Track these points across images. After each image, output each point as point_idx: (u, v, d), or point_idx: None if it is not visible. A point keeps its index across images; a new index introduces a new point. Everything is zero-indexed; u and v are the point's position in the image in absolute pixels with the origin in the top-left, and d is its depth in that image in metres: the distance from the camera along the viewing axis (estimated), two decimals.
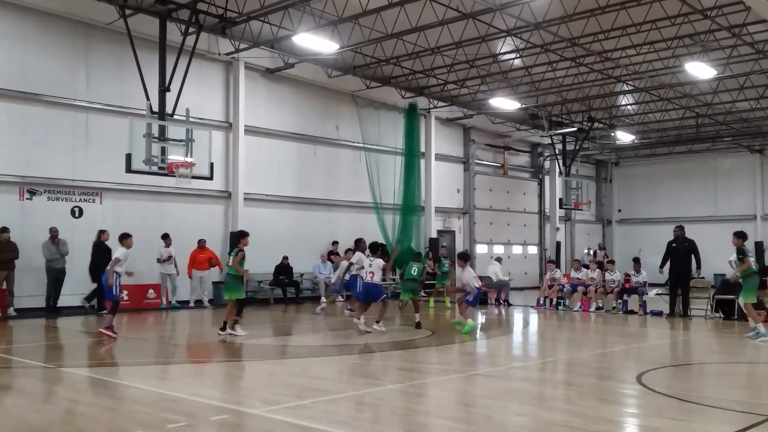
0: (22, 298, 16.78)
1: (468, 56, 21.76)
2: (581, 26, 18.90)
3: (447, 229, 28.80)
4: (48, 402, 7.84)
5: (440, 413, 7.25)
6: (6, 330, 14.67)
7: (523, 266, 32.65)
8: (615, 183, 39.43)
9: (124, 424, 6.50)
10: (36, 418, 6.90)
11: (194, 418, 6.81)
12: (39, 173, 17.51)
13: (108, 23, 17.92)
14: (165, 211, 19.66)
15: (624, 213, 38.89)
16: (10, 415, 7.06)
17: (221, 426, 6.55)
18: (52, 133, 17.78)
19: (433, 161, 27.54)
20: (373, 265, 13.80)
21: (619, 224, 39.05)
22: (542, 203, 34.36)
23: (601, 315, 18.25)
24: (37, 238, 16.93)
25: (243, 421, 6.75)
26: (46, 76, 17.69)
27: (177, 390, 8.29)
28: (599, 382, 9.03)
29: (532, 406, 7.57)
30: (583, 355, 11.63)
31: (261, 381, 9.14)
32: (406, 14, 17.98)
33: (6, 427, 6.39)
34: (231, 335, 12.68)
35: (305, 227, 23.03)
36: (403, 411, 7.33)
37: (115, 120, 18.17)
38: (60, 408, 7.49)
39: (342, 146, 24.66)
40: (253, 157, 21.61)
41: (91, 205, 18.48)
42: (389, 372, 9.77)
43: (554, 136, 31.34)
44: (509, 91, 25.68)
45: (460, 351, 12.27)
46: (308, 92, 23.58)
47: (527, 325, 16.76)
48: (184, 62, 17.21)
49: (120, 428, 6.30)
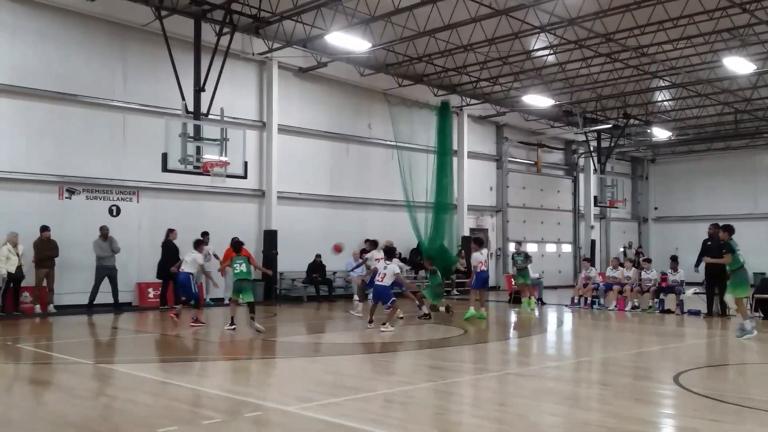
0: (62, 296, 17.14)
1: (501, 53, 21.62)
2: (616, 21, 18.66)
3: (479, 227, 28.66)
4: (86, 398, 7.98)
5: (473, 412, 7.23)
6: (46, 326, 15.00)
7: (556, 265, 32.36)
8: (651, 180, 38.85)
9: (160, 420, 6.59)
10: (74, 413, 7.04)
11: (229, 415, 6.89)
12: (78, 173, 17.86)
13: (144, 24, 18.19)
14: (200, 209, 19.89)
15: (660, 211, 38.30)
16: (51, 410, 7.22)
17: (255, 422, 6.61)
18: (90, 133, 18.12)
19: (465, 159, 27.45)
20: (387, 270, 13.61)
21: (656, 222, 38.48)
22: (576, 201, 34.02)
23: (637, 314, 18.00)
24: (76, 236, 17.26)
25: (276, 417, 6.80)
26: (84, 78, 18.03)
27: (212, 386, 8.39)
28: (635, 382, 8.91)
29: (566, 405, 7.50)
30: (618, 354, 11.49)
31: (294, 378, 9.20)
32: (439, 12, 17.95)
33: (46, 423, 6.54)
34: (233, 329, 13.28)
35: (338, 225, 23.11)
36: (435, 409, 7.32)
37: (151, 120, 18.44)
38: (98, 404, 7.62)
39: (374, 144, 24.71)
40: (286, 156, 21.77)
41: (129, 203, 18.80)
42: (421, 370, 9.76)
43: (589, 133, 31.00)
44: (543, 88, 25.47)
45: (493, 350, 12.21)
46: (341, 91, 23.68)
47: (561, 324, 16.61)
48: (218, 62, 17.43)
49: (156, 424, 6.39)
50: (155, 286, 18.67)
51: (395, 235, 23.81)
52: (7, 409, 7.18)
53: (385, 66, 22.87)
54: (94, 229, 17.44)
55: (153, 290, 18.77)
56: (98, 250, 17.28)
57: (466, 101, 26.81)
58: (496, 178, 29.88)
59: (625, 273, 19.40)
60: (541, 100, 25.66)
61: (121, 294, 17.88)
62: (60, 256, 16.84)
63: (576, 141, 33.24)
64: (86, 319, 16.00)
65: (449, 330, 13.91)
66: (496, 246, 29.54)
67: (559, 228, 33.23)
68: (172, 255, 17.27)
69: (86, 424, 6.56)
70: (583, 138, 31.66)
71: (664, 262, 20.55)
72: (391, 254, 14.23)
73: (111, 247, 17.39)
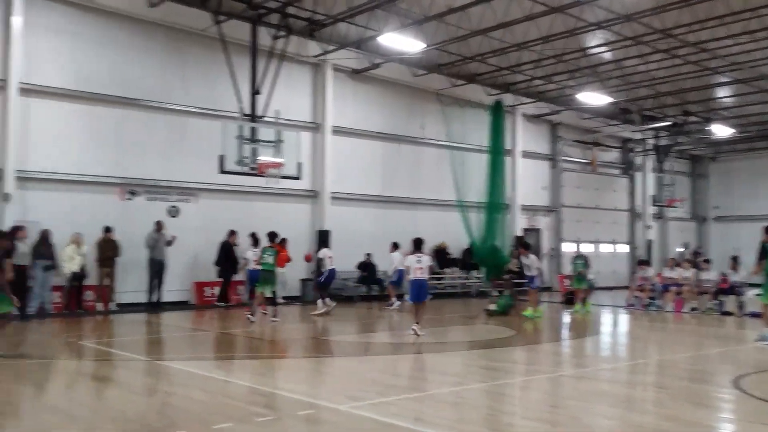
0: (123, 294, 17.66)
1: (555, 51, 21.35)
2: (675, 16, 18.24)
3: (533, 227, 28.36)
4: (144, 394, 8.23)
5: (525, 413, 7.19)
6: (107, 324, 15.49)
7: (611, 265, 31.76)
8: (711, 179, 37.74)
9: (215, 416, 6.75)
10: (133, 409, 7.27)
11: (281, 413, 7.02)
12: (138, 175, 18.37)
13: (202, 29, 18.56)
14: (254, 210, 20.20)
15: (721, 210, 37.17)
16: (110, 406, 7.46)
17: (307, 421, 6.71)
18: (150, 136, 18.62)
19: (519, 158, 27.20)
20: (422, 262, 12.90)
21: (716, 222, 37.37)
22: (633, 200, 33.33)
23: (695, 316, 17.57)
24: (136, 236, 17.73)
25: (328, 416, 6.89)
26: (144, 82, 18.54)
27: (265, 384, 8.55)
28: (692, 386, 8.72)
29: (621, 408, 7.39)
30: (675, 357, 11.26)
31: (345, 377, 9.30)
32: (492, 10, 17.84)
33: (107, 418, 6.77)
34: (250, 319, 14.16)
35: (389, 225, 23.17)
36: (486, 410, 7.31)
37: (208, 123, 18.84)
38: (155, 400, 7.85)
39: (426, 145, 24.70)
40: (339, 157, 21.96)
41: (187, 204, 19.24)
42: (473, 371, 9.74)
43: (646, 131, 30.33)
44: (599, 86, 25.03)
45: (546, 351, 12.09)
46: (393, 92, 23.76)
47: (616, 326, 16.33)
48: (273, 65, 17.75)
49: (211, 420, 6.55)
50: (212, 284, 19.09)
51: (447, 236, 23.85)
52: (71, 405, 7.45)
53: (437, 66, 22.84)
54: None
55: (209, 289, 19.19)
56: (151, 240, 17.70)
57: (519, 100, 26.56)
58: (550, 178, 29.51)
59: (683, 274, 18.96)
60: (597, 98, 25.23)
61: (178, 292, 18.34)
62: (121, 255, 17.35)
63: (633, 139, 32.56)
64: (146, 317, 16.43)
65: (501, 330, 13.82)
66: (549, 246, 29.16)
67: (615, 228, 32.61)
68: (227, 255, 17.82)
69: (144, 420, 6.77)
70: (641, 136, 31.00)
71: (725, 263, 19.99)
72: (418, 245, 13.28)
73: (162, 236, 17.76)
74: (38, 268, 15.94)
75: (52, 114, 17.19)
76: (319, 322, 15.36)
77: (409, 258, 13.06)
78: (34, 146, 16.83)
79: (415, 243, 13.26)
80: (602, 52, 21.93)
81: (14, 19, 16.38)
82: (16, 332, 12.62)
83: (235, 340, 13.02)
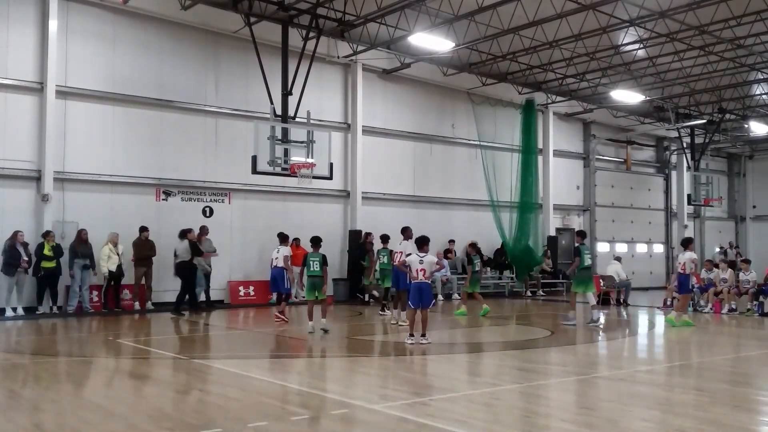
0: (159, 293, 17.88)
1: (588, 49, 21.12)
2: (710, 13, 17.94)
3: (566, 226, 28.10)
4: (181, 391, 8.32)
5: (560, 415, 7.11)
6: (144, 323, 15.70)
7: (647, 265, 31.33)
8: (749, 177, 37.02)
9: (251, 415, 6.80)
10: (170, 406, 7.36)
11: (316, 412, 7.04)
12: (173, 175, 18.62)
13: (235, 31, 18.76)
14: (287, 210, 20.35)
15: (759, 209, 36.45)
16: (148, 403, 7.56)
17: (342, 420, 6.72)
18: (184, 137, 18.86)
19: (551, 157, 26.97)
20: (425, 263, 11.51)
21: (754, 221, 36.65)
22: (669, 199, 32.83)
23: (734, 317, 17.25)
24: (172, 236, 17.89)
25: (362, 415, 6.90)
26: (179, 84, 18.78)
27: (300, 383, 8.59)
28: (733, 388, 8.55)
29: (659, 411, 7.27)
30: (714, 359, 11.06)
31: (380, 377, 9.30)
32: (523, 8, 17.72)
33: (145, 416, 6.85)
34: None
35: (421, 225, 22.93)
36: (521, 412, 7.25)
37: (241, 123, 19.04)
38: (192, 398, 7.93)
39: (458, 144, 24.62)
40: (370, 157, 21.99)
41: (221, 204, 19.44)
42: (507, 372, 9.68)
43: (682, 128, 29.84)
44: (632, 83, 24.72)
45: (581, 352, 11.96)
46: (424, 91, 23.72)
47: (653, 327, 16.09)
48: (304, 66, 17.83)
49: (246, 419, 6.59)
50: (246, 284, 19.28)
51: (479, 236, 23.72)
52: (110, 402, 7.56)
53: (468, 65, 22.75)
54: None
55: (243, 288, 19.36)
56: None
57: (551, 99, 26.34)
58: (583, 177, 29.20)
59: (721, 275, 18.61)
60: (631, 96, 24.91)
61: (213, 292, 18.49)
62: (157, 255, 17.57)
63: (668, 137, 32.09)
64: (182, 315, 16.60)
65: (536, 331, 13.71)
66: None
67: (651, 227, 32.16)
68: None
69: (181, 417, 6.84)
70: (676, 134, 30.50)
71: (763, 263, 19.57)
72: (421, 243, 11.84)
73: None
74: (76, 267, 16.26)
75: (88, 116, 17.52)
76: (352, 322, 15.36)
77: (411, 258, 11.74)
78: (72, 148, 17.16)
79: (419, 241, 11.88)
80: (636, 50, 21.64)
81: (51, 23, 16.70)
82: (55, 330, 12.85)
83: (269, 340, 13.09)
